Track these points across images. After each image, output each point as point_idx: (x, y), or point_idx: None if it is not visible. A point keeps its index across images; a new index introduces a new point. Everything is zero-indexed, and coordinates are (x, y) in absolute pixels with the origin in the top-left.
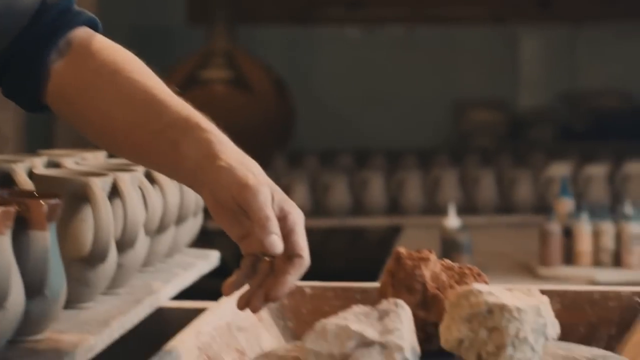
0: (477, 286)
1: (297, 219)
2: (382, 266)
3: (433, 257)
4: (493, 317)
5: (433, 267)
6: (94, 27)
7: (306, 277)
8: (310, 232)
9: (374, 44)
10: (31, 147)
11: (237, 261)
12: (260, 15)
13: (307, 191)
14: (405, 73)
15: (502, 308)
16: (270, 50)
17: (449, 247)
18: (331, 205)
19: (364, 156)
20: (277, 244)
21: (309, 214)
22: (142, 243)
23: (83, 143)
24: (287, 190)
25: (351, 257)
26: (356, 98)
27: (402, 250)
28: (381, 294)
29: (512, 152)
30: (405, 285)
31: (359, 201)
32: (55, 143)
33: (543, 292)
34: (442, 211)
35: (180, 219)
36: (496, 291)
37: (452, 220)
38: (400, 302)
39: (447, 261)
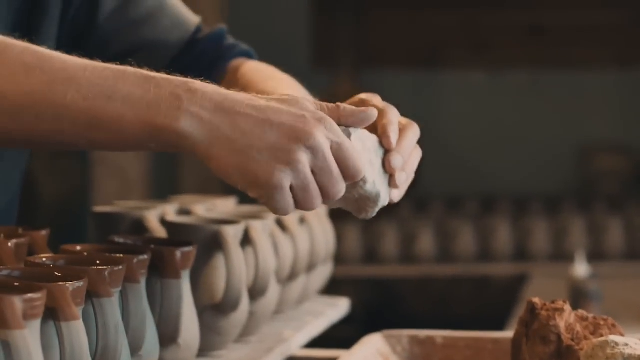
0: (613, 337)
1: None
2: (509, 314)
3: (567, 307)
4: None
5: (567, 318)
6: (249, 57)
7: (432, 323)
8: (436, 280)
9: (499, 87)
10: (157, 192)
11: (366, 309)
12: (384, 59)
13: (433, 237)
14: (530, 117)
15: None
16: (395, 94)
17: (578, 296)
18: (457, 252)
19: (490, 202)
20: None
21: (434, 260)
22: (273, 291)
23: (209, 188)
24: (412, 237)
25: (477, 305)
26: (481, 143)
27: (536, 300)
28: (515, 344)
29: None
30: (540, 335)
31: (485, 248)
32: (181, 187)
33: None
34: (569, 258)
35: (310, 267)
36: (632, 342)
37: (581, 268)
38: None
39: (582, 312)
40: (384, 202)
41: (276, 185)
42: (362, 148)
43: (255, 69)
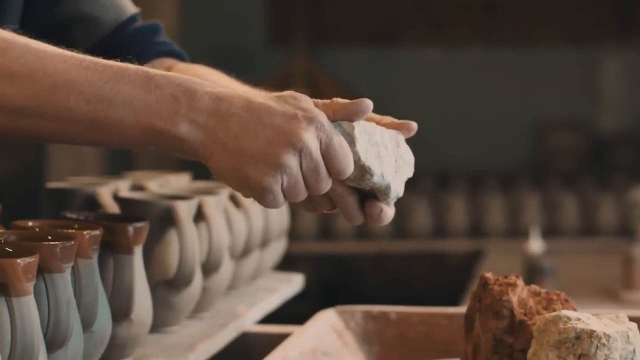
0: (565, 312)
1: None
2: (464, 290)
3: (520, 282)
4: (581, 343)
5: (520, 293)
6: (180, 59)
7: (388, 299)
8: (391, 256)
9: (454, 65)
10: (112, 168)
11: (322, 286)
12: (340, 36)
13: None
14: (486, 95)
15: (591, 334)
16: (351, 72)
17: (533, 272)
18: (412, 229)
19: (445, 178)
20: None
21: (389, 237)
22: (226, 266)
23: (164, 163)
24: None
25: (432, 281)
26: (437, 120)
27: (488, 275)
28: (467, 319)
29: (595, 174)
30: (492, 310)
31: (440, 224)
32: (136, 164)
33: (631, 318)
34: (524, 234)
35: (264, 242)
36: (584, 317)
37: (536, 244)
38: None
39: (535, 287)
40: (397, 193)
41: (266, 188)
42: (368, 142)
43: (191, 66)
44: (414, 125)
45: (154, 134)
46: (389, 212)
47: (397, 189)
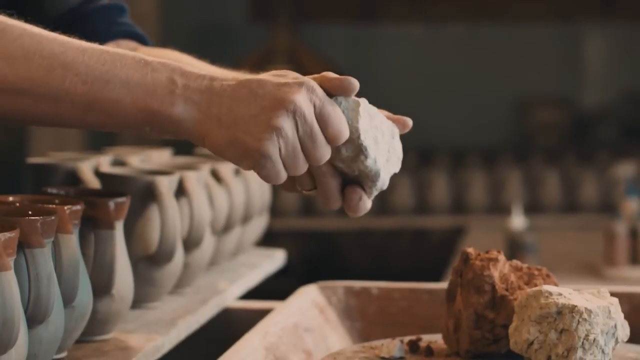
0: (547, 287)
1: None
2: (446, 266)
3: (502, 257)
4: (563, 318)
5: (502, 268)
6: (142, 42)
7: (370, 276)
8: (373, 233)
9: (438, 41)
10: (94, 144)
11: (304, 262)
12: (323, 12)
13: None
14: (469, 70)
15: (572, 310)
16: (333, 48)
17: (515, 248)
18: (395, 205)
19: (428, 155)
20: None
21: (372, 213)
22: (208, 242)
23: (145, 140)
24: None
25: (415, 258)
26: (419, 96)
27: (470, 250)
28: (449, 294)
29: (577, 151)
30: (474, 285)
31: (422, 200)
32: (118, 139)
33: (612, 293)
34: (506, 211)
35: (246, 218)
36: (566, 292)
37: (518, 221)
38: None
39: (516, 262)
40: (382, 185)
41: (264, 153)
42: (369, 123)
43: (157, 49)
44: (410, 122)
45: (149, 115)
46: (367, 202)
47: (384, 180)
